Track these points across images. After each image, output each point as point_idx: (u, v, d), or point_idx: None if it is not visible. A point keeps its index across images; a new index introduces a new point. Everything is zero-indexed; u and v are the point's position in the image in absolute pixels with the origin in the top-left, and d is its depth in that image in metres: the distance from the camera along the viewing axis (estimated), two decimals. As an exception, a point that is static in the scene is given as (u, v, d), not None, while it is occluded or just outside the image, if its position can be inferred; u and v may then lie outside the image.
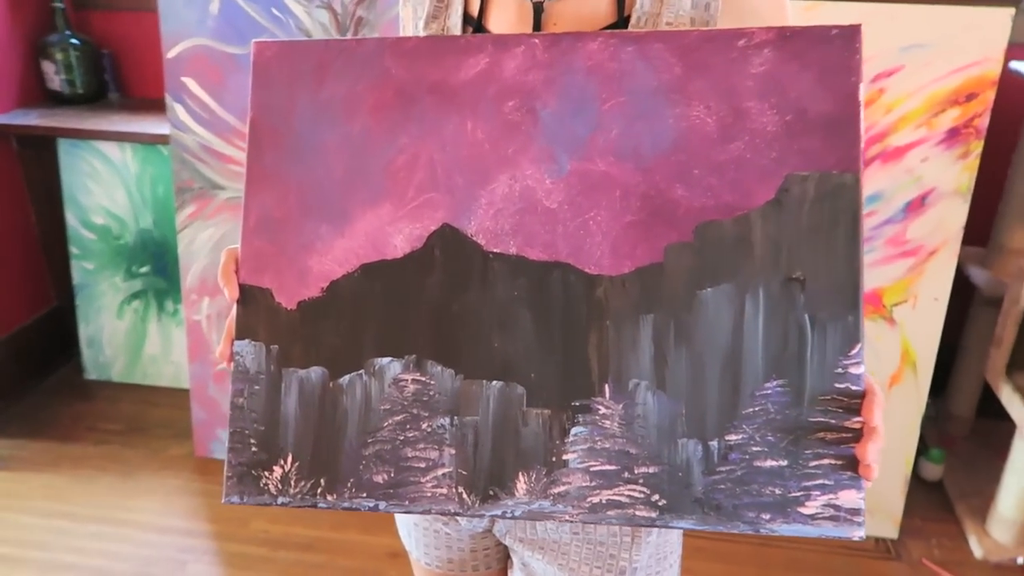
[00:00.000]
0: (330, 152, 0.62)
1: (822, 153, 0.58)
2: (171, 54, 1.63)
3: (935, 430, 2.03)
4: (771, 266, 0.58)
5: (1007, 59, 1.51)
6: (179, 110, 1.66)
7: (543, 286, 0.59)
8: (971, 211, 1.57)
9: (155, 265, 2.05)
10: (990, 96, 1.50)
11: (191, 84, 1.64)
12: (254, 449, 0.62)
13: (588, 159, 0.59)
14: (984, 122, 1.52)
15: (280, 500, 0.61)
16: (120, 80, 2.20)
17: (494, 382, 0.60)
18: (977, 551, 1.69)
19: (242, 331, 0.63)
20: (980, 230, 1.86)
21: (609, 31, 0.61)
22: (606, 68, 0.59)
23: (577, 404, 0.59)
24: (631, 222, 0.59)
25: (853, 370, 0.57)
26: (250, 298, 0.63)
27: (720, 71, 0.58)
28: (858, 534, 0.56)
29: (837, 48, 0.58)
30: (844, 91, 0.58)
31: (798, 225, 0.58)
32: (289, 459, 0.61)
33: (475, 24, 0.73)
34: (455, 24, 0.73)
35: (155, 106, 2.11)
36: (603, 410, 0.59)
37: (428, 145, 0.61)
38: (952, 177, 1.55)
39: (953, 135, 1.53)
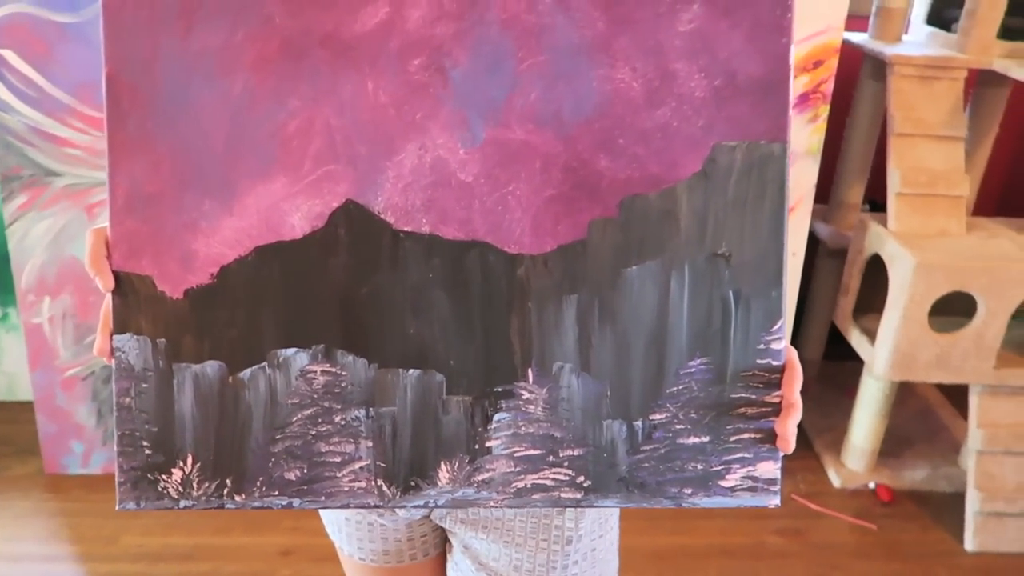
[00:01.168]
0: (206, 114, 0.54)
1: (750, 121, 0.55)
2: (-16, 22, 1.42)
3: (789, 375, 2.19)
4: (697, 241, 0.56)
5: (845, 29, 1.63)
6: (-1, 87, 1.46)
7: (460, 267, 0.56)
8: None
9: (-25, 264, 1.81)
10: (834, 63, 1.61)
11: (11, 57, 1.44)
12: (148, 452, 0.57)
13: (505, 125, 0.55)
14: (830, 87, 1.63)
15: (183, 503, 0.57)
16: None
17: (411, 371, 0.57)
18: (835, 481, 1.85)
19: (121, 324, 0.56)
20: (821, 188, 2.01)
21: None
22: (523, 21, 0.54)
23: (499, 390, 0.57)
24: (552, 196, 0.55)
25: (775, 345, 0.57)
26: (127, 286, 0.56)
27: (647, 27, 0.54)
28: (774, 502, 0.58)
29: (768, 4, 0.55)
30: (775, 52, 0.55)
31: (724, 198, 0.56)
32: (189, 460, 0.57)
33: None
34: None
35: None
36: (526, 395, 0.57)
37: (323, 109, 0.54)
38: (804, 139, 1.66)
39: (804, 100, 1.64)
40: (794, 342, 2.19)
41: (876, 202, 2.06)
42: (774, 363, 0.57)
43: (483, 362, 0.57)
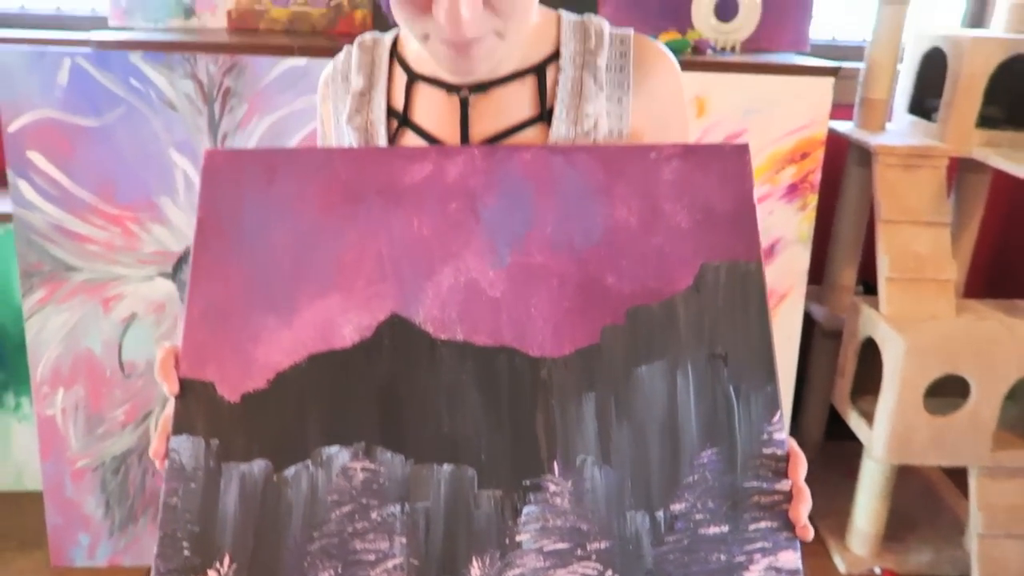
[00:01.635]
0: (278, 247, 0.64)
1: (729, 244, 0.66)
2: (12, 128, 1.50)
3: (791, 455, 2.20)
4: (696, 344, 0.64)
5: (831, 119, 1.71)
6: (24, 187, 1.53)
7: (490, 369, 0.62)
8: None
9: (-10, 355, 1.85)
10: (820, 154, 1.69)
11: (38, 159, 1.52)
12: (186, 553, 0.59)
13: (527, 252, 0.65)
14: (817, 177, 1.70)
15: None
16: (-64, 151, 1.99)
17: (445, 465, 0.61)
18: (841, 566, 1.84)
19: (180, 426, 0.61)
20: (816, 269, 2.06)
21: (540, 146, 0.69)
22: (539, 174, 0.66)
23: (528, 483, 0.61)
24: (569, 307, 0.64)
25: (777, 436, 0.63)
26: (190, 392, 0.61)
27: (638, 178, 0.67)
28: None
29: (731, 161, 0.68)
30: (740, 194, 0.67)
31: (715, 307, 0.65)
32: (226, 561, 0.59)
33: (400, 117, 0.74)
34: (378, 118, 0.74)
35: (-18, 180, 1.92)
36: (553, 487, 0.61)
37: (376, 240, 0.64)
38: (794, 227, 1.72)
39: (793, 190, 1.71)
40: (794, 423, 2.21)
41: (869, 283, 2.11)
42: (779, 452, 0.62)
43: (512, 456, 0.61)
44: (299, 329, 0.63)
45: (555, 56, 0.72)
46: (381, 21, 0.67)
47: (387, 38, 0.78)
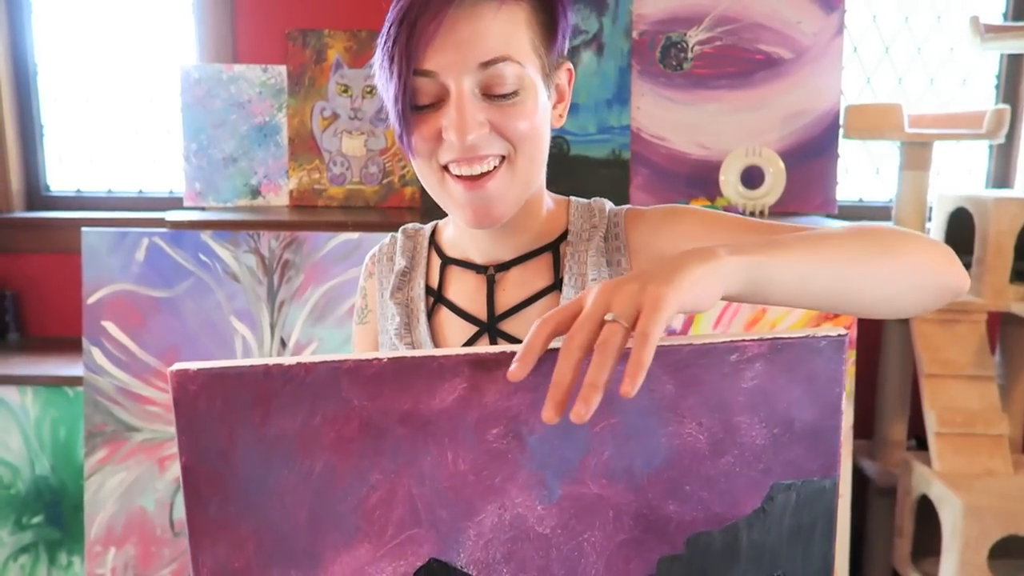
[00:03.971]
0: (288, 493, 0.55)
1: (805, 461, 0.59)
2: (92, 299, 1.64)
3: (855, 625, 2.07)
4: (755, 569, 0.59)
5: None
6: (96, 353, 1.65)
7: None
8: (855, 410, 1.74)
9: (49, 514, 1.91)
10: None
11: (111, 327, 1.65)
12: None
13: (580, 482, 0.57)
14: (854, 333, 1.73)
15: None
16: (20, 321, 2.16)
17: None
18: None
19: None
20: (864, 424, 2.03)
21: None
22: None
23: None
24: (624, 540, 0.58)
25: None
26: None
27: (712, 387, 0.57)
28: None
29: (824, 359, 0.57)
30: (829, 402, 0.58)
31: (780, 529, 0.59)
32: None
33: (436, 295, 0.82)
34: (418, 295, 0.83)
35: (59, 346, 2.07)
36: None
37: (404, 479, 0.55)
38: (834, 382, 1.72)
39: (829, 345, 1.73)
40: (856, 588, 2.10)
41: (921, 438, 2.06)
42: None
43: None
44: None
45: (566, 234, 0.81)
46: (429, 197, 0.74)
47: (427, 228, 0.88)
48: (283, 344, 1.66)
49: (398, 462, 0.55)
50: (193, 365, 0.51)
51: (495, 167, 0.72)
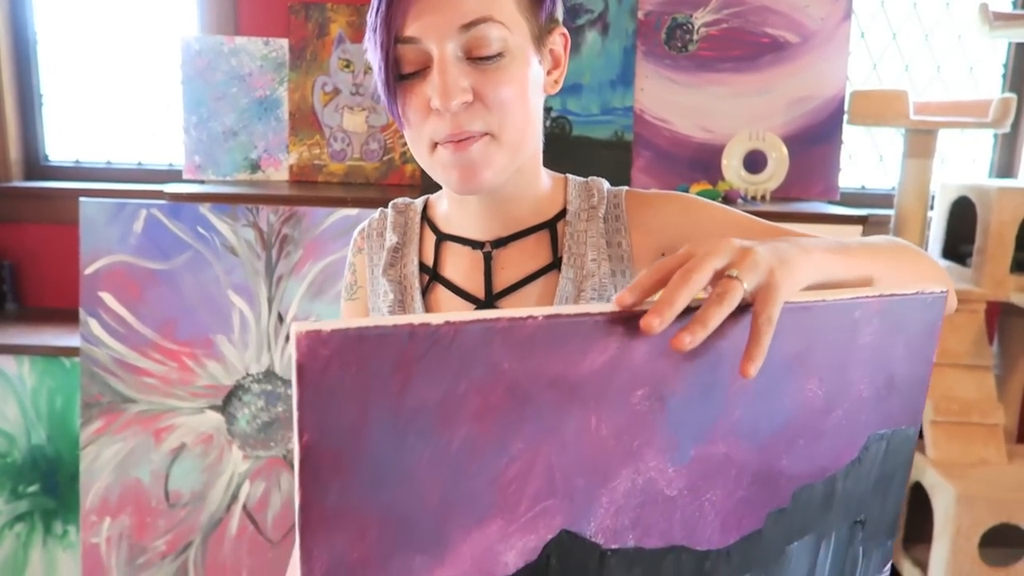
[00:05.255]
0: (421, 471, 0.48)
1: (899, 412, 0.62)
2: (89, 270, 1.64)
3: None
4: (844, 515, 0.62)
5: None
6: (93, 324, 1.64)
7: (656, 572, 0.57)
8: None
9: (45, 484, 1.91)
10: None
11: (108, 299, 1.64)
12: None
13: (711, 443, 0.56)
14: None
15: None
16: (18, 291, 2.16)
17: None
18: None
19: None
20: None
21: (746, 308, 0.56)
22: (739, 346, 0.54)
23: None
24: (741, 497, 0.58)
25: None
26: None
27: (836, 343, 0.57)
28: None
29: (928, 314, 0.60)
30: (925, 356, 0.61)
31: (869, 477, 0.62)
32: None
33: (431, 272, 0.82)
34: (412, 272, 0.82)
35: (56, 316, 2.06)
36: None
37: (546, 448, 0.51)
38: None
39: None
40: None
41: (916, 428, 2.06)
42: None
43: None
44: (452, 566, 0.50)
45: (563, 213, 0.80)
46: (429, 175, 0.72)
47: (418, 203, 0.87)
48: (280, 319, 1.66)
49: (541, 429, 0.50)
50: (324, 325, 0.43)
51: (478, 134, 0.71)
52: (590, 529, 0.53)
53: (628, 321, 0.50)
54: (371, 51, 0.72)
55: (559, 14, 0.77)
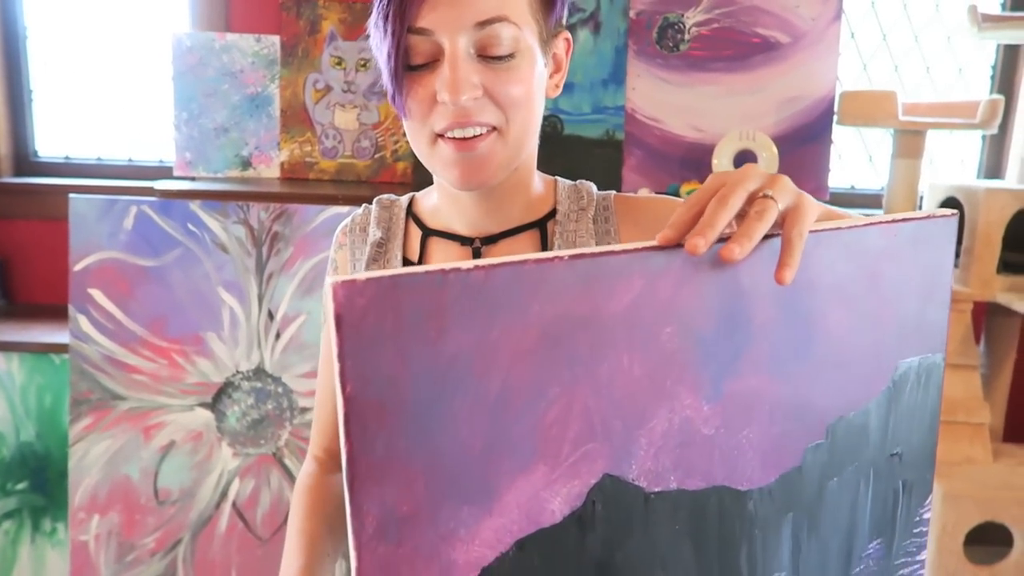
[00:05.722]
0: (463, 419, 0.48)
1: (924, 338, 0.63)
2: (79, 267, 1.63)
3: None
4: (880, 447, 0.63)
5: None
6: (82, 321, 1.64)
7: (701, 514, 0.57)
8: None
9: (34, 481, 1.91)
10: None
11: (98, 295, 1.64)
12: None
13: (742, 378, 0.56)
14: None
15: None
16: (7, 287, 2.15)
17: None
18: None
19: None
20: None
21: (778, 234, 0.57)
22: (760, 279, 0.55)
23: None
24: (778, 433, 0.58)
25: (926, 515, 0.66)
26: None
27: (859, 269, 0.58)
28: None
29: (941, 236, 0.62)
30: (941, 279, 0.63)
31: (900, 407, 0.63)
32: None
33: None
34: (395, 268, 0.82)
35: (45, 313, 2.06)
36: None
37: (582, 390, 0.51)
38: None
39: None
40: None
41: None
42: (924, 529, 0.66)
43: None
44: (500, 515, 0.50)
45: (554, 213, 0.81)
46: (421, 172, 0.72)
47: (403, 199, 0.87)
48: (271, 316, 1.66)
49: (576, 372, 0.50)
50: (359, 276, 0.44)
51: (485, 133, 0.71)
52: (632, 472, 0.53)
53: (652, 258, 0.51)
54: (379, 39, 0.71)
55: (565, 19, 0.78)
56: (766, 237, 0.53)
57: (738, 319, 0.55)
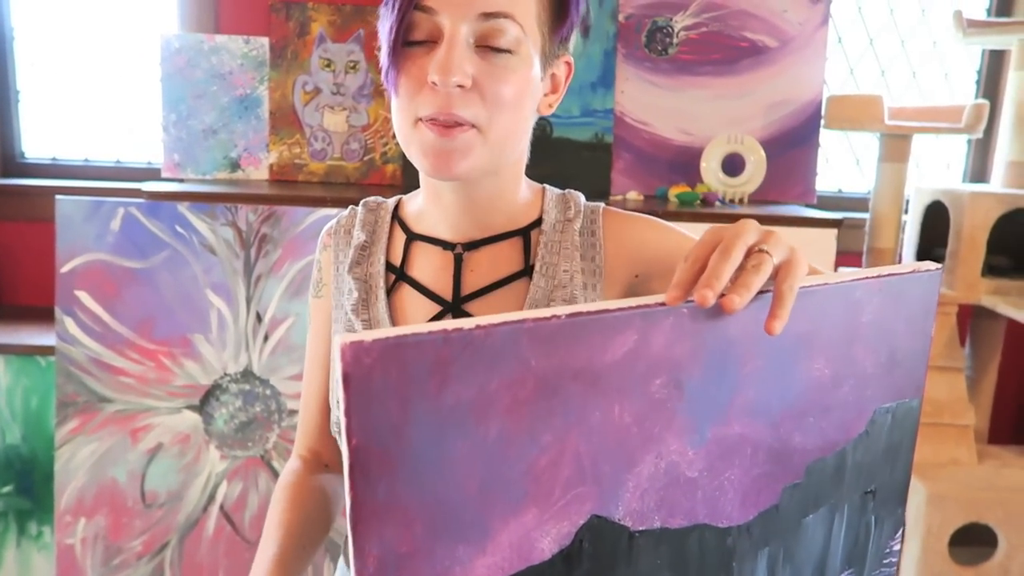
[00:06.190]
0: (460, 464, 0.51)
1: (902, 384, 0.65)
2: (65, 268, 1.62)
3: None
4: (855, 486, 0.65)
5: (836, 266, 1.77)
6: (69, 323, 1.63)
7: (682, 550, 0.60)
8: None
9: (19, 484, 1.90)
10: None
11: (84, 297, 1.63)
12: None
13: (727, 424, 0.59)
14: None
15: None
16: (-7, 288, 2.13)
17: None
18: None
19: None
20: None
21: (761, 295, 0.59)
22: (749, 329, 0.58)
23: None
24: (758, 474, 0.61)
25: (895, 547, 0.68)
26: None
27: (840, 322, 0.61)
28: None
29: (924, 289, 0.64)
30: (923, 329, 0.65)
31: (877, 449, 0.65)
32: None
33: (398, 272, 0.82)
34: (378, 271, 0.82)
35: (32, 314, 2.05)
36: None
37: (573, 438, 0.54)
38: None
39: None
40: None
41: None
42: (893, 560, 0.69)
43: None
44: (494, 553, 0.53)
45: (539, 222, 0.81)
46: (410, 175, 0.71)
47: (390, 202, 0.87)
48: (259, 319, 1.66)
49: (568, 420, 0.53)
50: (366, 335, 0.46)
51: (466, 126, 0.71)
52: (618, 512, 0.57)
53: (645, 314, 0.54)
54: (385, 15, 0.72)
55: (571, 44, 0.78)
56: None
57: (727, 368, 0.58)
